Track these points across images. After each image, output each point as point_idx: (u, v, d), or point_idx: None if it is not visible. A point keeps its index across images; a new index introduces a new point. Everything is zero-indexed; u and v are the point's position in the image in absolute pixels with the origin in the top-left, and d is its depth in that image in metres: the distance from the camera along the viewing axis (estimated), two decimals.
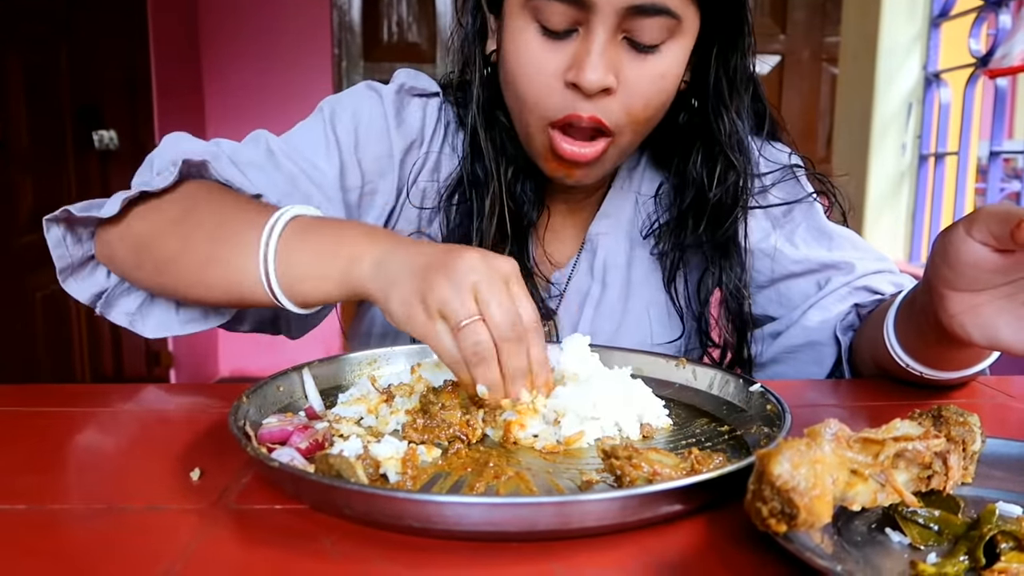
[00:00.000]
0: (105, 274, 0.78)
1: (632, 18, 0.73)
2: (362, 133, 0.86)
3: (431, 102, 0.90)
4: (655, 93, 0.78)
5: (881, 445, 0.44)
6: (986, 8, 2.15)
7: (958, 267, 0.60)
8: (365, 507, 0.45)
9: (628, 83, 0.76)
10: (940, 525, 0.45)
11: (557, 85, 0.76)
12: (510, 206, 0.86)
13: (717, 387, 0.70)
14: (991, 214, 0.57)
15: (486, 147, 0.85)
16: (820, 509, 0.40)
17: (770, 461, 0.40)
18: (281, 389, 0.66)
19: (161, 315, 0.78)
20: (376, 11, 3.74)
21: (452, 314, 0.56)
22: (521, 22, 0.76)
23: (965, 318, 0.62)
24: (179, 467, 0.54)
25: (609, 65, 0.74)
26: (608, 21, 0.72)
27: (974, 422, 0.50)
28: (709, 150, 0.87)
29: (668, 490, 0.45)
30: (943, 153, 2.42)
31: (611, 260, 0.93)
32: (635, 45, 0.75)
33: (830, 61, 3.62)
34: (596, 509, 0.44)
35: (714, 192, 0.87)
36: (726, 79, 0.84)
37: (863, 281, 0.91)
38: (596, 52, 0.73)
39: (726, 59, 0.84)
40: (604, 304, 0.93)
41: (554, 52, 0.75)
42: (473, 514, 0.43)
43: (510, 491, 0.51)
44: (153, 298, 0.78)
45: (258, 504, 0.49)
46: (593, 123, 0.76)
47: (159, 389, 0.75)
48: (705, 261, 0.91)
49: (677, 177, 0.91)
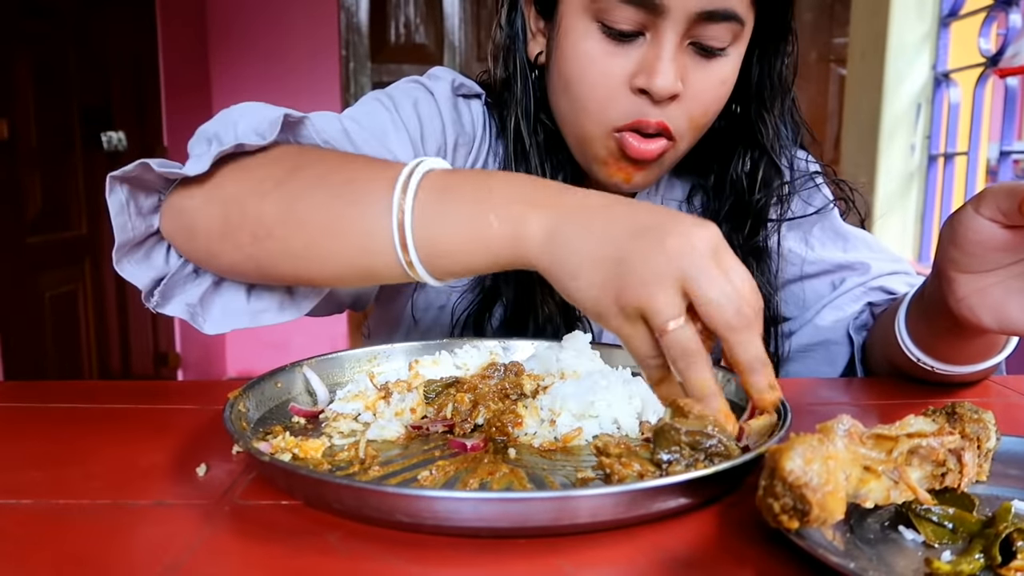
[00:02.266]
0: (164, 256, 0.68)
1: (701, 23, 0.71)
2: (424, 125, 0.82)
3: (476, 104, 0.88)
4: (715, 99, 0.77)
5: (895, 441, 0.44)
6: (996, 7, 2.14)
7: (966, 246, 0.59)
8: (355, 502, 0.44)
9: (692, 89, 0.74)
10: (955, 523, 0.45)
11: (623, 90, 0.73)
12: None
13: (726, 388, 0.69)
14: (999, 190, 0.57)
15: (531, 152, 0.82)
16: (833, 505, 0.39)
17: (782, 457, 0.39)
18: (279, 385, 0.65)
19: (228, 305, 0.67)
20: (383, 13, 3.75)
21: (655, 316, 0.47)
22: (583, 24, 0.73)
23: (974, 300, 0.61)
24: (186, 463, 0.54)
25: (679, 71, 0.72)
26: (678, 26, 0.71)
27: (989, 419, 0.49)
28: (750, 154, 0.86)
29: (654, 488, 0.44)
30: (952, 153, 2.40)
31: None
32: (701, 50, 0.73)
33: (838, 62, 3.61)
34: (586, 505, 0.43)
35: (756, 197, 0.85)
36: (770, 82, 0.83)
37: (878, 282, 0.90)
38: (667, 58, 0.71)
39: (771, 62, 0.83)
40: None
41: (620, 56, 0.73)
42: (462, 509, 0.43)
43: (503, 487, 0.51)
44: (219, 286, 0.67)
45: (263, 500, 0.49)
46: (660, 128, 0.74)
47: (167, 385, 0.75)
48: None
49: (716, 181, 0.89)
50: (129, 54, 3.00)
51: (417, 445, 0.58)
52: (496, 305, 0.86)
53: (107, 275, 2.84)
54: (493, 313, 0.86)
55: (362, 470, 0.53)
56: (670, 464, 0.48)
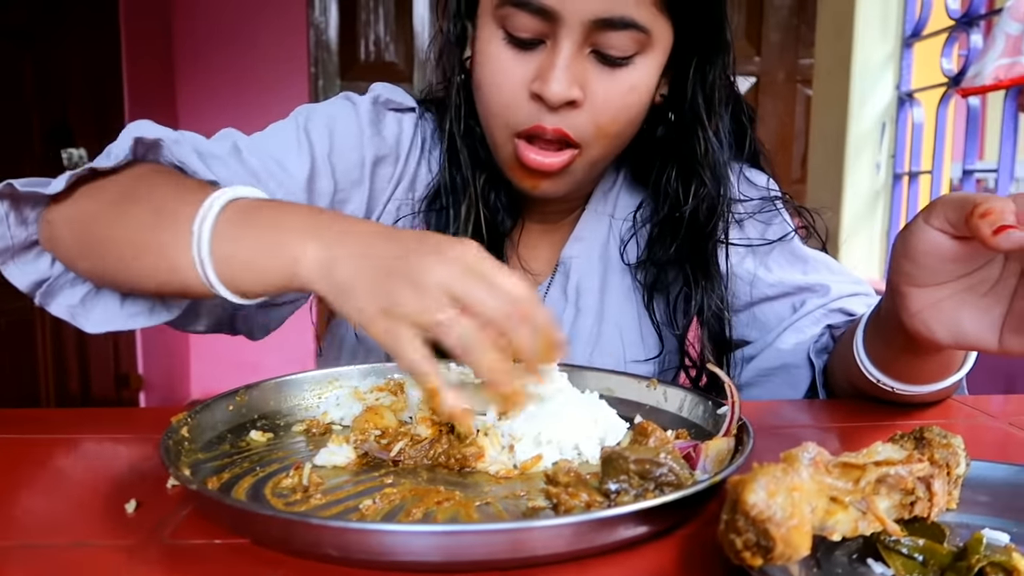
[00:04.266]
0: (49, 262, 0.72)
1: (599, 31, 0.72)
2: (337, 140, 0.83)
3: (407, 117, 0.88)
4: (624, 107, 0.77)
5: (862, 470, 0.42)
6: (957, 28, 2.17)
7: (918, 258, 0.58)
8: (282, 534, 0.41)
9: (596, 97, 0.75)
10: (925, 555, 0.43)
11: (522, 95, 0.75)
12: (485, 214, 0.84)
13: (687, 409, 0.67)
14: (948, 201, 0.56)
15: (463, 154, 0.84)
16: (798, 541, 0.37)
17: (744, 489, 0.37)
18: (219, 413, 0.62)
19: (105, 308, 0.71)
20: (353, 30, 3.73)
21: (423, 314, 0.49)
22: (489, 30, 0.75)
23: (928, 314, 0.60)
24: (115, 499, 0.50)
25: (574, 78, 0.73)
26: (574, 34, 0.72)
27: (958, 444, 0.47)
28: (684, 167, 0.86)
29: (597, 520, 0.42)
30: (917, 172, 2.43)
31: (584, 284, 0.91)
32: (603, 59, 0.74)
33: (804, 83, 3.66)
34: (524, 538, 0.41)
35: (688, 208, 0.85)
36: (703, 95, 0.83)
37: (839, 303, 0.89)
38: (561, 65, 0.72)
39: (703, 74, 0.82)
40: (578, 328, 0.91)
41: (520, 62, 0.74)
42: (392, 542, 0.40)
43: (448, 518, 0.48)
44: (99, 290, 0.72)
45: (195, 539, 0.45)
46: (558, 135, 0.75)
47: (103, 412, 0.71)
48: (685, 282, 0.89)
49: (654, 193, 0.90)
50: (92, 71, 2.94)
51: (367, 472, 0.55)
52: None
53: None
54: None
55: (304, 498, 0.50)
56: (618, 494, 0.46)
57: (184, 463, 0.53)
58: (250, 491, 0.51)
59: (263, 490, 0.51)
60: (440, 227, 0.86)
